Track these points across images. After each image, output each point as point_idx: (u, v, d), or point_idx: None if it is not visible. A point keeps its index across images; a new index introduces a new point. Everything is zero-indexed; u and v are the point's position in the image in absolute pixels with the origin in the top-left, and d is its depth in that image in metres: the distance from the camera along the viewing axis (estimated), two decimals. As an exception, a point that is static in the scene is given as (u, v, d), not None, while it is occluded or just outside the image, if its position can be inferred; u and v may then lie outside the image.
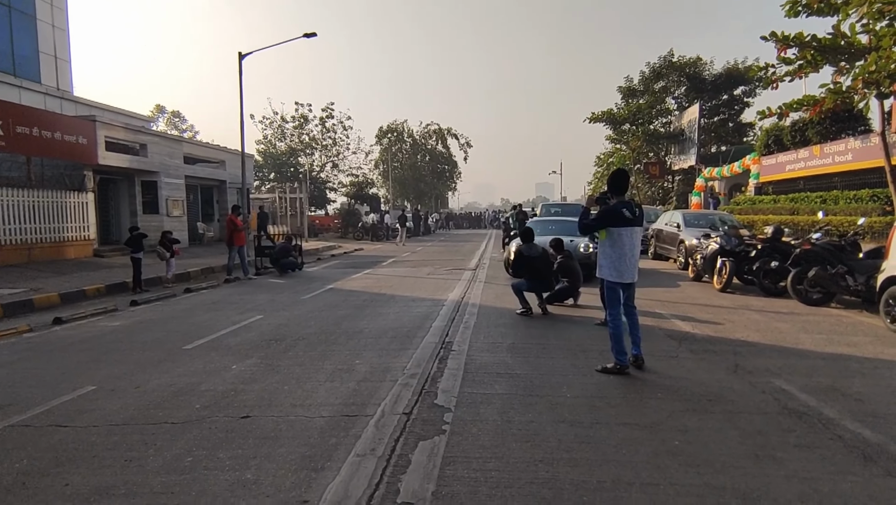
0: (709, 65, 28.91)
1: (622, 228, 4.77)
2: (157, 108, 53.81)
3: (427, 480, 2.95)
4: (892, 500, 2.75)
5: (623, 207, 4.80)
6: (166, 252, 11.30)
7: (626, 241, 4.79)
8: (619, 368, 4.76)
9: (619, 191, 4.92)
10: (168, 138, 20.91)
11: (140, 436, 3.61)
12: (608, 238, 4.82)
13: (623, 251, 4.77)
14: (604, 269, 4.88)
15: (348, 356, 5.49)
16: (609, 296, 4.92)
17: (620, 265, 4.78)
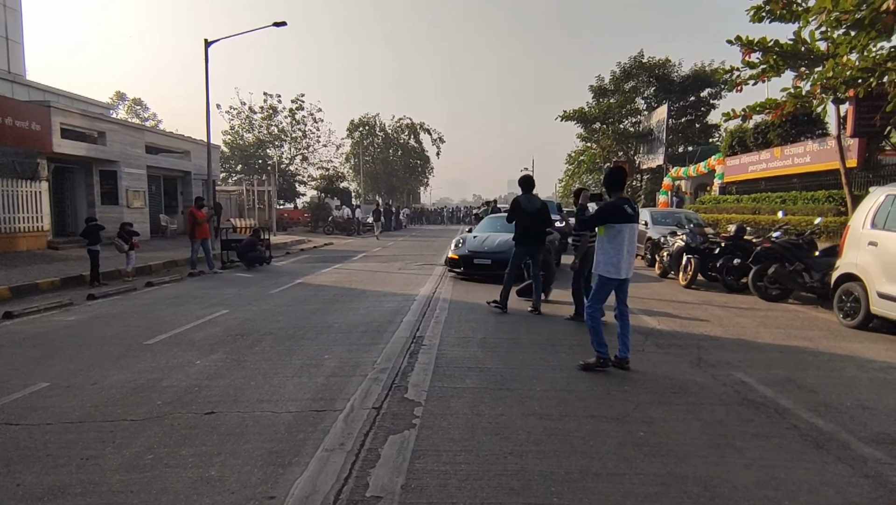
0: (677, 66, 29.60)
1: (623, 224, 4.72)
2: (118, 95, 51.83)
3: (396, 473, 2.93)
4: (843, 484, 2.88)
5: (624, 203, 4.78)
6: (124, 244, 10.78)
7: (626, 237, 4.74)
8: (602, 361, 4.74)
9: (617, 187, 4.89)
10: (129, 126, 20.17)
11: (97, 434, 3.48)
12: (607, 234, 4.77)
13: (622, 247, 4.72)
14: (601, 264, 4.82)
15: (317, 351, 5.41)
16: (599, 291, 4.87)
17: (619, 261, 4.73)
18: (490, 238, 10.60)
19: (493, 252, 10.07)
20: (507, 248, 9.60)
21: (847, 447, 3.32)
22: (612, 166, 5.61)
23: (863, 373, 4.87)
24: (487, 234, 11.01)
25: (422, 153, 58.17)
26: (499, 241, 10.26)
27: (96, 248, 9.86)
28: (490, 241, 10.48)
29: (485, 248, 10.26)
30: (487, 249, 10.18)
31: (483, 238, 10.74)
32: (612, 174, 5.00)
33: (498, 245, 10.17)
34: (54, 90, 19.58)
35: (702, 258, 9.77)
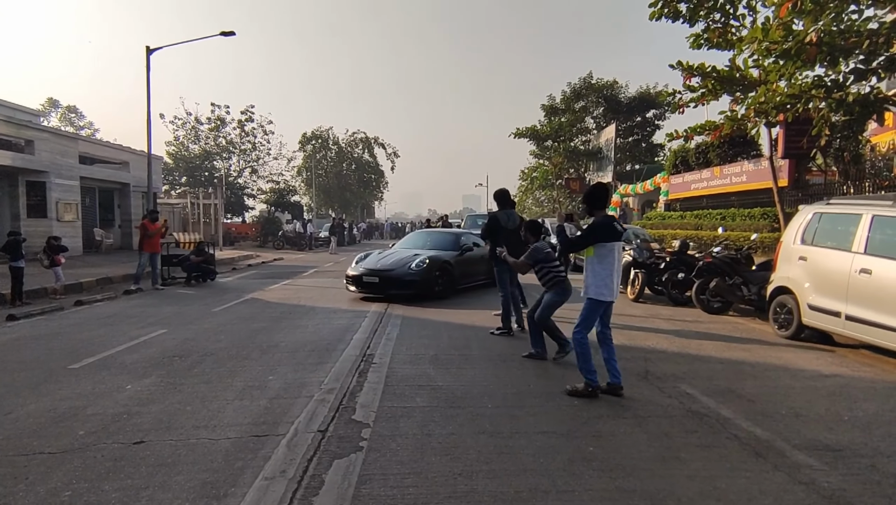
0: (624, 88, 30.92)
1: (614, 243, 4.48)
2: (50, 102, 49.06)
3: (341, 500, 2.80)
4: (779, 492, 2.96)
5: (613, 221, 4.55)
6: (45, 259, 10.15)
7: (616, 256, 4.52)
8: (592, 389, 4.43)
9: (601, 204, 4.61)
10: (60, 135, 18.98)
11: (9, 469, 3.15)
12: (597, 254, 4.48)
13: (612, 268, 4.47)
14: (591, 287, 4.48)
15: (261, 372, 5.17)
16: (590, 315, 4.54)
17: (610, 282, 4.45)
18: (391, 255, 10.31)
19: (382, 270, 9.67)
20: (397, 266, 9.56)
21: (783, 455, 3.43)
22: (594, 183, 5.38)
23: (796, 382, 5.10)
24: (395, 251, 10.77)
25: (376, 167, 57.86)
26: (394, 259, 9.94)
27: (19, 263, 9.14)
28: (387, 258, 10.13)
29: (378, 265, 9.86)
30: (379, 267, 9.78)
31: (387, 254, 10.46)
32: (596, 191, 4.69)
33: (393, 263, 9.82)
34: (-23, 95, 18.25)
35: (648, 273, 10.08)
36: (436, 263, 9.84)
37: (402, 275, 9.41)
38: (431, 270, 9.61)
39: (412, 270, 9.42)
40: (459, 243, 10.86)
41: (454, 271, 10.15)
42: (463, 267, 10.52)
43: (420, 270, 9.46)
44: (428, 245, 11.05)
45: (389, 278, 9.48)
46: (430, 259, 9.79)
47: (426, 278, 9.44)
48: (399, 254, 10.30)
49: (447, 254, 10.40)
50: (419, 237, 12.03)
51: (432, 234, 12.07)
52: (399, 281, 9.39)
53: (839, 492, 2.97)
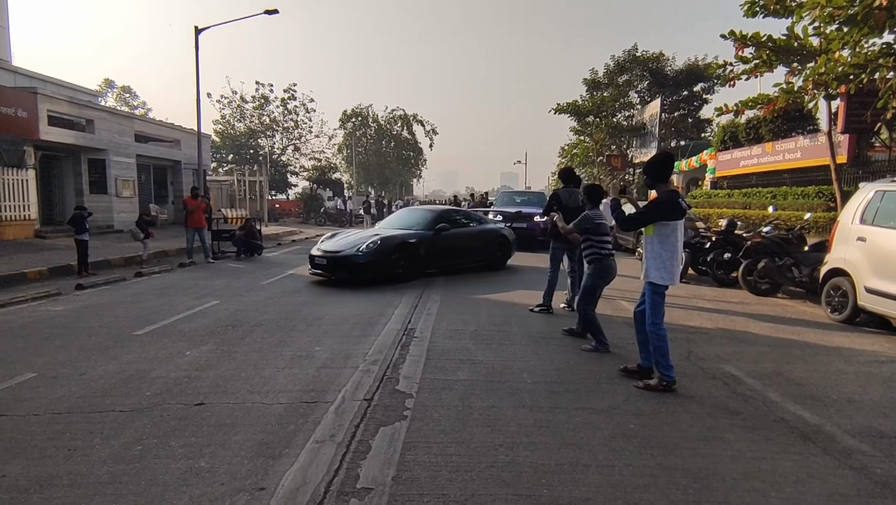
0: (671, 60, 29.63)
1: (677, 222, 4.10)
2: (106, 83, 51.05)
3: (387, 465, 2.93)
4: (828, 476, 2.92)
5: (678, 196, 4.14)
6: (140, 233, 11.55)
7: (679, 236, 4.14)
8: (667, 384, 4.12)
9: (664, 178, 4.20)
10: (117, 114, 19.86)
11: (85, 425, 3.44)
12: (657, 234, 4.10)
13: (675, 249, 4.10)
14: (652, 270, 4.14)
15: (308, 343, 5.39)
16: (657, 302, 4.20)
17: (672, 266, 4.11)
18: (351, 235, 9.78)
19: (332, 252, 9.08)
20: (347, 247, 8.94)
21: (833, 439, 3.37)
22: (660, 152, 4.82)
23: (849, 366, 4.93)
24: (358, 232, 10.29)
25: (415, 145, 57.89)
26: (350, 240, 9.34)
27: (84, 237, 9.74)
28: (345, 239, 9.57)
29: (331, 247, 9.28)
30: (330, 248, 9.20)
31: (348, 234, 9.98)
32: (661, 162, 4.26)
33: (346, 244, 9.18)
34: (41, 76, 19.23)
35: (693, 252, 9.82)
36: (390, 243, 9.02)
37: (350, 256, 8.80)
38: (383, 252, 8.85)
39: (360, 253, 8.75)
40: (434, 222, 9.94)
41: (420, 252, 9.34)
42: (436, 248, 9.67)
43: (369, 252, 8.75)
44: (402, 224, 10.32)
45: (336, 260, 8.93)
46: (382, 240, 8.98)
47: (376, 261, 8.75)
48: (360, 234, 9.73)
49: (413, 234, 9.58)
50: (398, 216, 11.30)
51: (412, 213, 11.21)
52: (346, 263, 8.81)
53: (894, 479, 2.90)
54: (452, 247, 10.09)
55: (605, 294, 7.35)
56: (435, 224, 9.90)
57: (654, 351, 4.20)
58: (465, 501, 2.61)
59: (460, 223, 10.60)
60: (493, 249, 10.85)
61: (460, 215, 11.02)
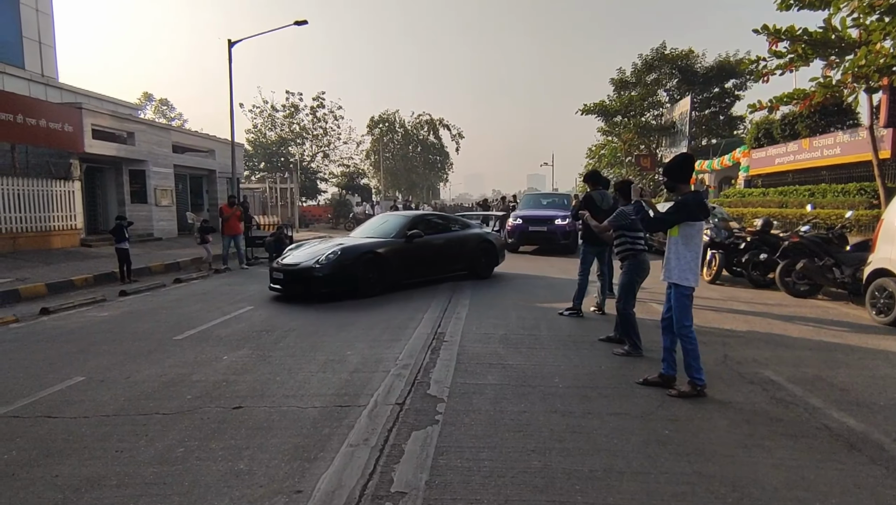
0: (700, 58, 28.99)
1: (701, 223, 4.10)
2: (145, 96, 53.04)
3: (420, 469, 2.97)
4: (877, 486, 2.81)
5: (703, 197, 4.12)
6: (199, 237, 12.53)
7: (701, 237, 4.14)
8: (699, 389, 4.05)
9: (687, 178, 4.19)
10: (156, 126, 20.60)
11: (131, 427, 3.59)
12: (682, 234, 4.06)
13: (698, 250, 4.09)
14: (676, 271, 4.09)
15: (340, 347, 5.48)
16: (685, 304, 4.13)
17: (695, 266, 4.07)
18: (313, 246, 8.92)
19: (289, 265, 8.26)
20: (306, 259, 8.11)
21: (881, 448, 3.24)
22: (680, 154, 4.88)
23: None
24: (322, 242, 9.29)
25: (441, 149, 58.23)
26: (311, 251, 8.52)
27: (124, 245, 10.13)
28: (306, 250, 8.74)
29: (290, 260, 8.45)
30: (288, 261, 8.40)
31: (311, 245, 9.09)
32: (683, 163, 4.22)
33: (306, 255, 8.35)
34: (85, 92, 20.12)
35: (726, 253, 9.59)
36: (353, 254, 8.15)
37: (306, 270, 7.94)
38: (344, 264, 7.98)
39: (317, 265, 7.89)
40: (405, 228, 9.09)
41: (390, 263, 8.52)
42: (409, 257, 8.88)
43: (328, 264, 7.89)
44: (372, 232, 9.52)
45: (293, 274, 8.09)
46: (344, 250, 8.13)
47: (336, 273, 7.89)
48: (321, 245, 8.87)
49: (381, 242, 8.75)
50: (370, 223, 10.30)
51: (384, 219, 10.26)
52: (302, 277, 7.97)
53: (945, 489, 2.78)
54: (428, 255, 9.24)
55: (649, 304, 7.27)
56: (407, 230, 9.04)
57: (685, 355, 4.14)
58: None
59: (437, 229, 9.77)
60: (476, 256, 9.99)
61: (438, 220, 10.25)
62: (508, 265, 12.26)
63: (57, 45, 19.56)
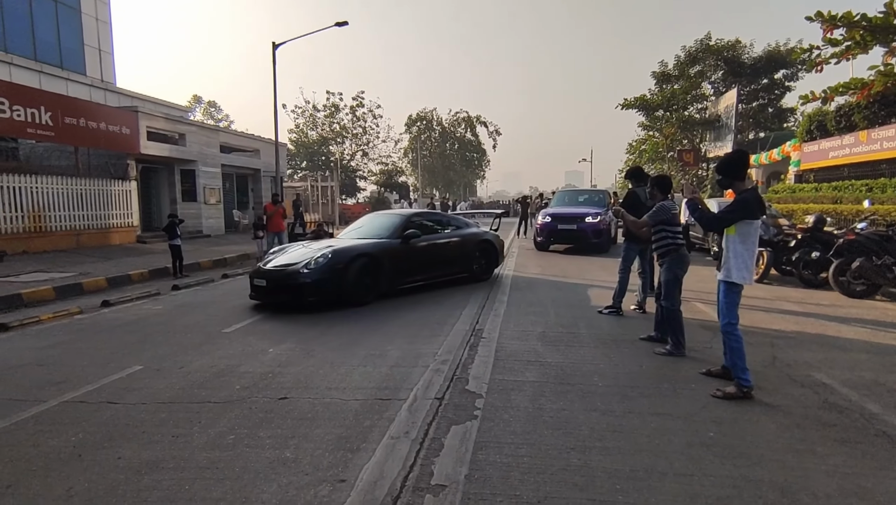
0: (748, 48, 27.88)
1: (758, 221, 4.08)
2: (195, 99, 55.24)
3: (460, 463, 3.01)
4: (939, 498, 2.67)
5: (759, 194, 4.11)
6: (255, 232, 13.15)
7: (757, 235, 4.11)
8: (746, 390, 3.97)
9: (742, 176, 4.16)
10: (205, 128, 21.43)
11: (185, 414, 3.78)
12: (739, 232, 4.04)
13: (755, 248, 4.08)
14: (734, 270, 4.05)
15: (380, 342, 5.59)
16: (731, 302, 4.10)
17: (751, 263, 4.05)
18: (297, 250, 8.01)
19: (272, 270, 7.42)
20: (291, 263, 7.32)
21: (944, 457, 3.07)
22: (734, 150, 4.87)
23: (964, 378, 4.46)
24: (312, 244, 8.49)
25: (478, 146, 58.17)
26: (297, 254, 7.67)
27: (176, 242, 10.63)
28: (292, 253, 7.90)
29: (274, 264, 7.62)
30: (271, 266, 7.57)
31: (295, 248, 8.29)
32: (739, 160, 4.21)
33: (291, 259, 7.52)
34: (140, 96, 21.15)
35: (775, 251, 9.21)
36: (344, 256, 7.35)
37: (291, 275, 7.14)
38: (335, 268, 7.18)
39: (305, 270, 7.12)
40: (401, 229, 8.41)
41: (384, 266, 7.78)
42: (405, 259, 8.18)
43: (317, 268, 7.10)
44: (365, 232, 8.78)
45: (277, 280, 7.26)
46: (335, 252, 7.34)
47: (326, 279, 7.11)
48: (310, 247, 8.05)
49: (375, 243, 8.00)
50: (362, 223, 9.53)
51: (377, 219, 9.47)
52: (288, 283, 7.15)
53: None
54: (425, 257, 8.59)
55: (692, 304, 7.09)
56: (402, 230, 8.36)
57: (730, 353, 4.12)
58: (538, 502, 2.63)
59: (434, 228, 9.14)
60: (475, 258, 9.45)
61: (435, 219, 9.60)
62: (542, 263, 12.18)
63: (114, 52, 20.62)
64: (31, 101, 12.71)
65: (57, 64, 17.99)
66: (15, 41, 16.83)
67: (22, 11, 17.24)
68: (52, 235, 13.15)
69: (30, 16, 17.41)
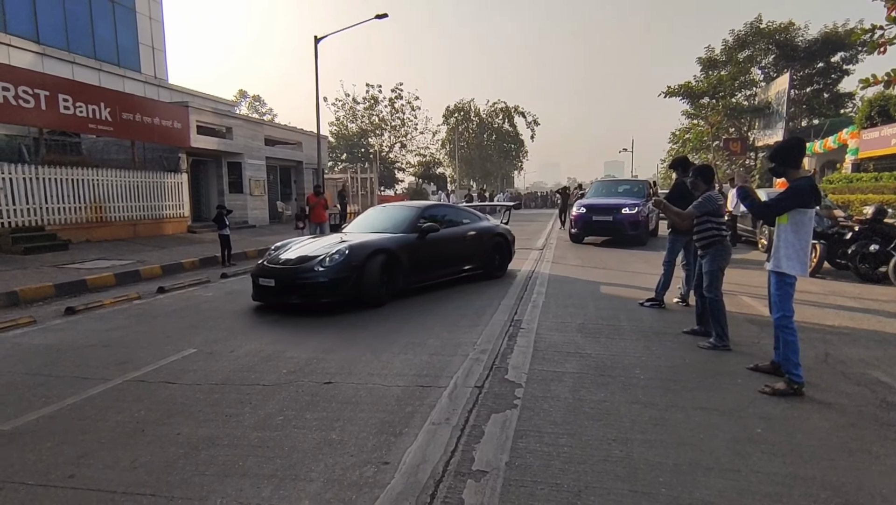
0: (803, 30, 26.41)
1: (812, 210, 3.95)
2: (240, 93, 56.96)
3: (500, 450, 3.05)
4: None
5: (814, 182, 4.01)
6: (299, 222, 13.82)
7: (811, 225, 3.98)
8: (797, 387, 3.85)
9: (797, 165, 4.03)
10: (250, 122, 22.05)
11: (237, 395, 3.97)
12: (792, 222, 3.92)
13: (809, 238, 3.95)
14: (785, 260, 3.94)
15: (420, 331, 5.68)
16: (785, 293, 3.98)
17: (804, 255, 3.92)
18: (310, 244, 7.26)
19: (282, 268, 6.70)
20: (304, 261, 6.63)
21: None
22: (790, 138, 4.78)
23: None
24: (318, 239, 7.72)
25: (516, 137, 57.58)
26: (308, 250, 6.92)
27: (225, 231, 11.07)
28: (302, 248, 7.11)
29: (281, 260, 6.90)
30: (281, 263, 6.81)
31: (306, 243, 7.44)
32: (794, 148, 4.07)
33: (302, 255, 6.79)
34: (190, 91, 21.96)
35: (829, 244, 8.79)
36: (362, 252, 6.69)
37: (304, 273, 6.49)
38: (353, 265, 6.56)
39: (320, 268, 6.46)
40: (416, 221, 7.77)
41: (402, 263, 7.16)
42: (422, 255, 7.51)
43: (333, 266, 6.46)
44: (374, 226, 8.09)
45: (287, 280, 6.54)
46: (352, 248, 6.67)
47: (345, 277, 6.49)
48: (320, 242, 7.29)
49: (391, 238, 7.32)
50: (368, 216, 8.85)
51: (386, 211, 8.77)
52: (300, 283, 6.48)
53: None
54: (441, 253, 7.93)
55: (727, 290, 6.87)
56: (418, 224, 7.69)
57: (783, 346, 3.97)
58: (580, 492, 2.65)
59: (448, 222, 8.42)
60: (490, 254, 8.82)
61: (448, 212, 8.90)
62: (581, 255, 12.03)
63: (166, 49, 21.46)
64: (92, 98, 13.40)
65: (114, 62, 18.89)
66: (77, 41, 17.77)
67: (82, 12, 18.16)
68: (112, 225, 13.89)
69: (90, 16, 18.32)
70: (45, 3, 16.81)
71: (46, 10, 16.86)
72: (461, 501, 2.58)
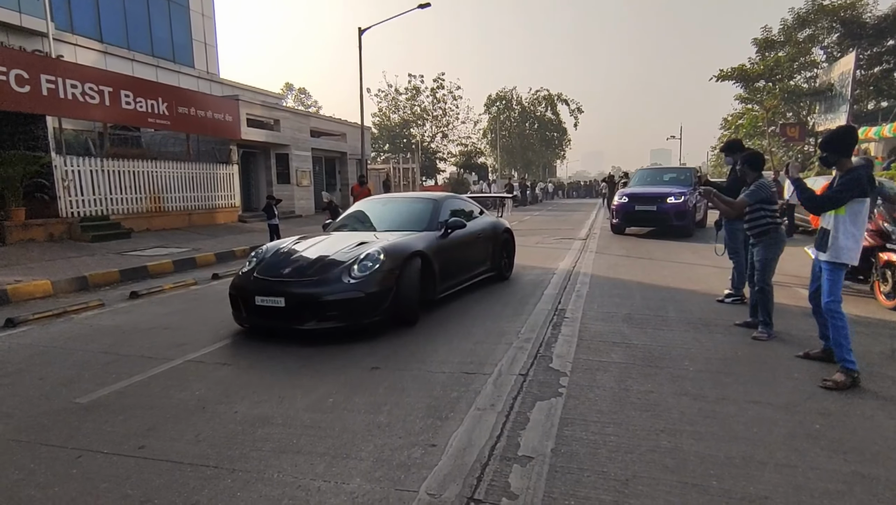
0: (871, 5, 24.60)
1: (868, 199, 3.92)
2: (287, 86, 58.25)
3: (546, 437, 3.07)
4: None
5: (869, 171, 3.97)
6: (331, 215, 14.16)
7: (867, 214, 3.96)
8: (854, 377, 3.76)
9: (849, 153, 3.96)
10: (297, 114, 22.60)
11: (288, 378, 4.13)
12: (849, 212, 3.87)
13: (864, 227, 3.93)
14: (844, 250, 3.89)
15: (463, 319, 5.72)
16: (839, 280, 3.93)
17: (859, 245, 3.90)
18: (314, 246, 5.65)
19: (292, 281, 4.99)
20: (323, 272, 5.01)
21: None
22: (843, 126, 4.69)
23: None
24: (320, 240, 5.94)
25: (559, 125, 56.55)
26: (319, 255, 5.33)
27: (274, 221, 11.48)
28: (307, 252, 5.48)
29: (287, 270, 5.13)
30: (288, 276, 5.06)
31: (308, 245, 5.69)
32: (847, 135, 4.00)
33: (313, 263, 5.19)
34: (240, 85, 22.69)
35: None
36: (399, 255, 5.29)
37: (330, 286, 4.88)
38: (391, 274, 5.10)
39: (352, 281, 4.92)
40: (436, 215, 6.46)
41: (435, 267, 5.81)
42: (449, 257, 6.18)
43: (368, 278, 4.95)
44: (382, 222, 6.62)
45: (306, 298, 4.85)
46: (386, 251, 5.20)
47: (384, 290, 5.02)
48: (329, 243, 5.71)
49: (420, 238, 5.89)
50: (369, 209, 7.19)
51: (391, 204, 7.29)
52: (328, 302, 4.82)
53: None
54: (463, 254, 6.63)
55: (780, 281, 6.59)
56: (439, 218, 6.43)
57: (834, 333, 3.90)
58: (627, 481, 2.64)
59: (465, 216, 7.06)
60: (499, 252, 7.66)
61: (461, 204, 7.47)
62: (626, 245, 11.77)
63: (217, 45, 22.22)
64: (151, 94, 14.08)
65: (170, 58, 19.73)
66: (135, 39, 18.65)
67: (141, 12, 19.02)
68: (169, 215, 14.61)
69: (147, 15, 19.17)
70: (108, 4, 17.71)
71: (108, 11, 17.76)
72: (507, 484, 2.62)
